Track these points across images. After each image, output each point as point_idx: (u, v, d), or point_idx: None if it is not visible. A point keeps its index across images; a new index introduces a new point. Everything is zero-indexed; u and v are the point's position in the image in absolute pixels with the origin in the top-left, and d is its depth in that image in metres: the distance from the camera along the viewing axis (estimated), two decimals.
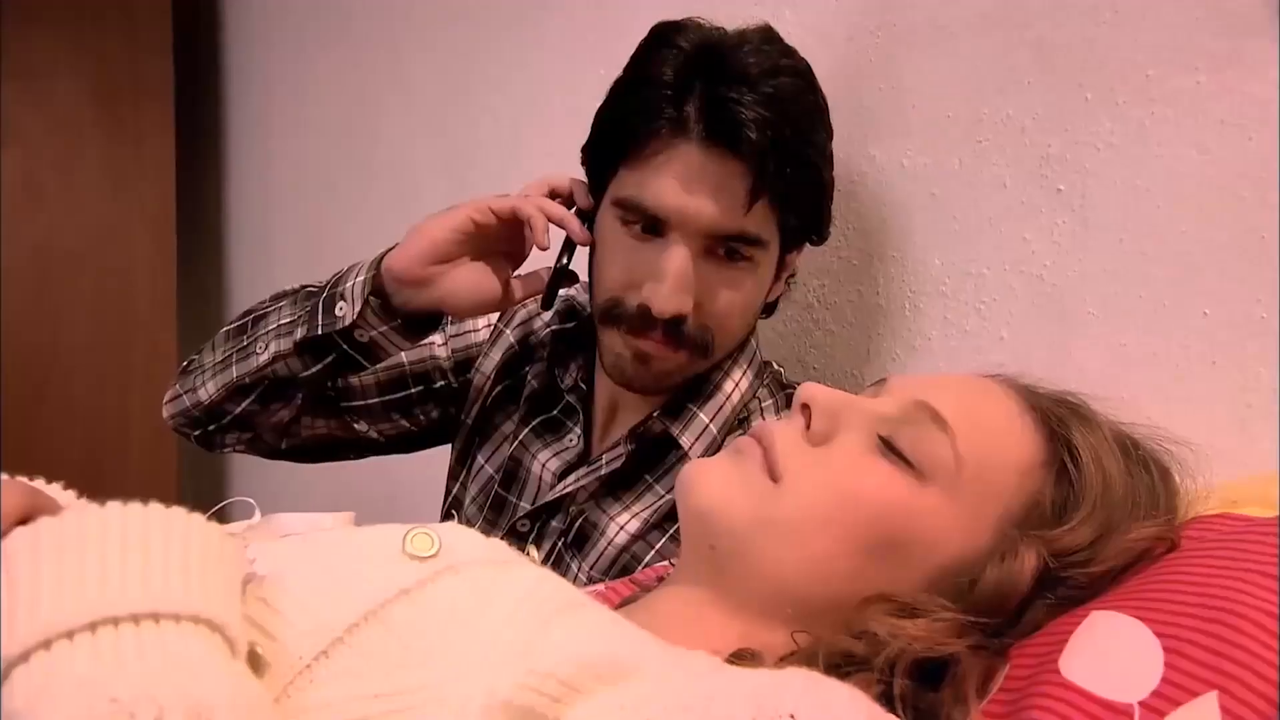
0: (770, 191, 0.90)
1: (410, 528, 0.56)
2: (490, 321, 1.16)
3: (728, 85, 0.89)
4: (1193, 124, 0.85)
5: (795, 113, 0.91)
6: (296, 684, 0.48)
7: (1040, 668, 0.57)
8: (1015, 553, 0.61)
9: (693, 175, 0.90)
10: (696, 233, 0.92)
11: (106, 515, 0.46)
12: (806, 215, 0.97)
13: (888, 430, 0.64)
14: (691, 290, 0.93)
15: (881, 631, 0.58)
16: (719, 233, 0.92)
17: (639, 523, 0.99)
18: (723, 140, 0.89)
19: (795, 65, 0.94)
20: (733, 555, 0.64)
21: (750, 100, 0.88)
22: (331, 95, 2.12)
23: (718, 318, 0.95)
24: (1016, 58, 0.98)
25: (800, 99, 0.93)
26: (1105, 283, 0.91)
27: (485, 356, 1.15)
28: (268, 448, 1.15)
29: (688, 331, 0.95)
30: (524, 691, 0.48)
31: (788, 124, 0.90)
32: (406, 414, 1.16)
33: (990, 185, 1.00)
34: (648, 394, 1.01)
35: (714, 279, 0.94)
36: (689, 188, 0.90)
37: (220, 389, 1.08)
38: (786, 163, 0.90)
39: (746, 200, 0.90)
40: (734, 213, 0.90)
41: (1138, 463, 0.66)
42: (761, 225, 0.93)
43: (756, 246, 0.94)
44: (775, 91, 0.89)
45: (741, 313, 0.98)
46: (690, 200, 0.90)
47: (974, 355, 1.01)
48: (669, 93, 0.91)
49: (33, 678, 0.40)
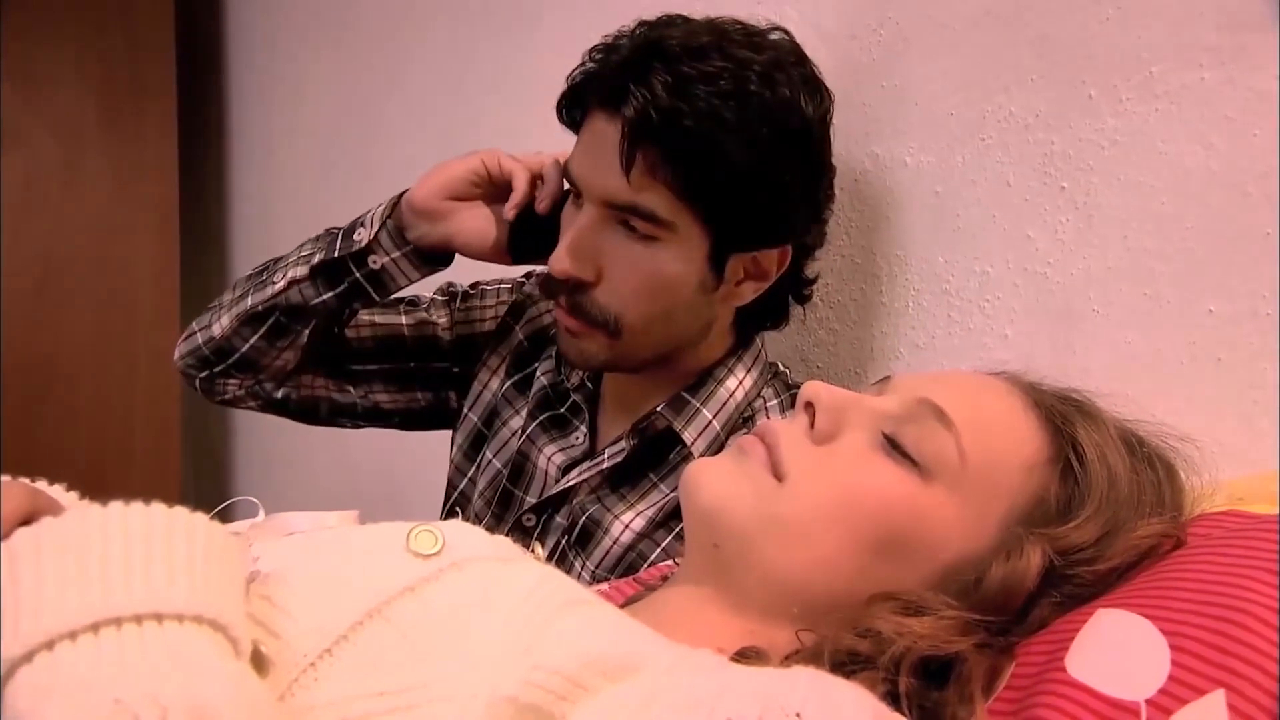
0: (655, 164, 0.89)
1: (413, 525, 0.56)
2: (498, 315, 1.17)
3: (644, 59, 0.90)
4: (1197, 120, 0.85)
5: (710, 94, 0.88)
6: (300, 682, 0.48)
7: (1046, 666, 0.57)
8: (1020, 550, 0.60)
9: (594, 142, 0.93)
10: (596, 199, 0.93)
11: (108, 515, 0.46)
12: (731, 206, 0.92)
13: (892, 428, 0.64)
14: (586, 254, 0.94)
15: (887, 630, 0.58)
16: (613, 201, 0.92)
17: (644, 521, 0.99)
18: (611, 104, 0.91)
19: (742, 54, 0.90)
20: (737, 554, 0.63)
21: (658, 75, 0.88)
22: (333, 95, 2.12)
23: (619, 294, 0.95)
24: (1019, 55, 0.98)
25: (724, 83, 0.89)
26: (1109, 280, 0.91)
27: (493, 352, 1.16)
28: (266, 396, 1.17)
29: (588, 305, 0.95)
30: (529, 688, 0.48)
31: (686, 101, 0.87)
32: (402, 386, 1.18)
33: (993, 183, 1.00)
34: (586, 370, 1.04)
35: (618, 251, 0.94)
36: (588, 153, 0.94)
37: (233, 319, 1.12)
38: (675, 137, 0.88)
39: (622, 164, 0.89)
40: (617, 179, 0.90)
41: (1143, 460, 0.66)
42: (658, 203, 0.91)
43: (655, 224, 0.92)
44: (693, 73, 0.88)
45: (649, 296, 0.95)
46: (588, 165, 0.93)
47: (978, 353, 1.01)
48: (598, 70, 0.94)
49: (36, 678, 0.40)
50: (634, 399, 1.04)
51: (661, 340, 0.99)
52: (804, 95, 0.93)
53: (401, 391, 1.18)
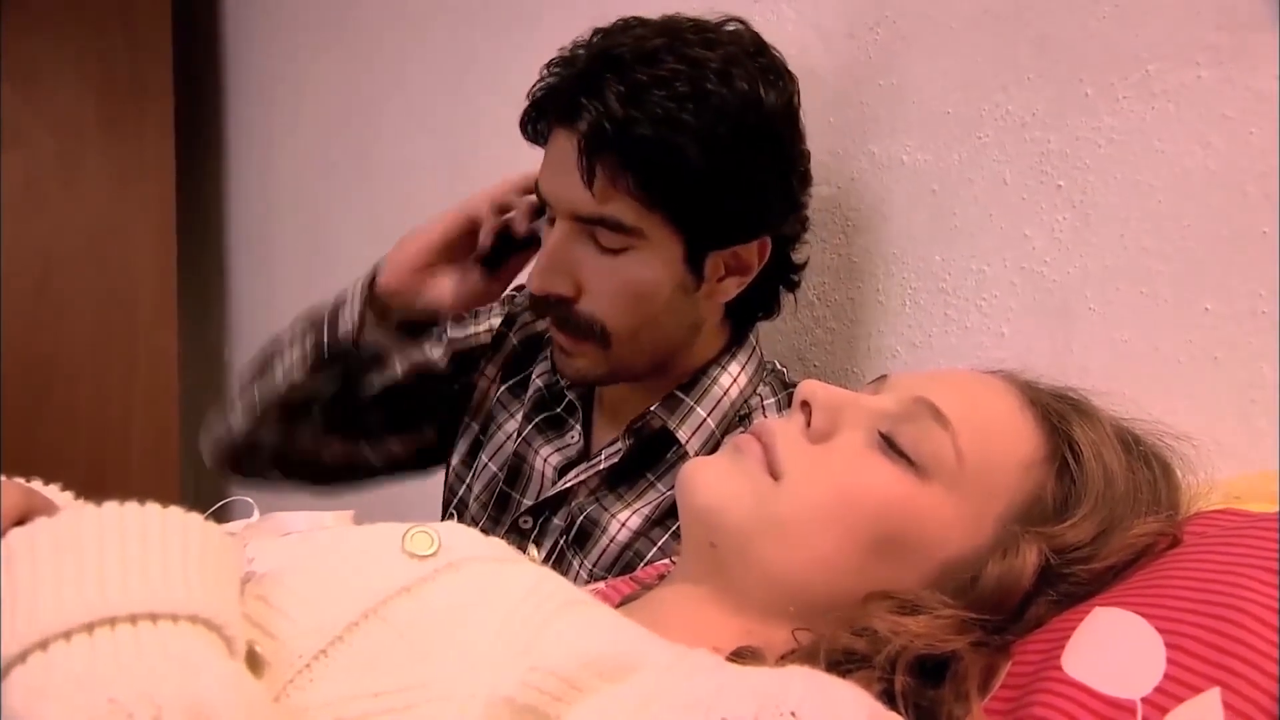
0: (613, 172, 0.89)
1: (409, 526, 0.56)
2: (492, 327, 1.17)
3: (597, 69, 0.90)
4: (1194, 119, 0.85)
5: (665, 97, 0.88)
6: (296, 683, 0.48)
7: (1043, 664, 0.57)
8: (1017, 549, 0.60)
9: (556, 158, 0.93)
10: (564, 214, 0.93)
11: (103, 515, 0.46)
12: (698, 208, 0.92)
13: (888, 427, 0.64)
14: (562, 269, 0.94)
15: (883, 629, 0.58)
16: (579, 214, 0.92)
17: (640, 519, 0.99)
18: (569, 120, 0.91)
19: (695, 53, 0.90)
20: (733, 553, 0.63)
21: (610, 85, 0.88)
22: (331, 95, 2.12)
23: (602, 303, 0.95)
24: (1016, 53, 0.98)
25: (684, 87, 0.88)
26: (1106, 279, 0.91)
27: (489, 361, 1.16)
28: (301, 475, 1.20)
29: (574, 318, 0.95)
30: (526, 689, 0.48)
31: (636, 105, 0.87)
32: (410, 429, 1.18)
33: (990, 181, 1.00)
34: (583, 385, 1.05)
35: (594, 264, 0.94)
36: (552, 170, 0.94)
37: (247, 416, 1.14)
38: (638, 146, 0.88)
39: (583, 176, 0.89)
40: (580, 192, 0.91)
41: (1139, 458, 0.66)
42: (624, 212, 0.90)
43: (624, 234, 0.92)
44: (645, 79, 0.88)
45: (631, 303, 0.95)
46: (552, 182, 0.94)
47: (974, 352, 1.01)
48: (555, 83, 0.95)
49: (31, 678, 0.40)
50: (629, 398, 1.04)
51: (652, 347, 0.98)
52: (764, 86, 0.92)
53: (410, 433, 1.18)
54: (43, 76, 2.26)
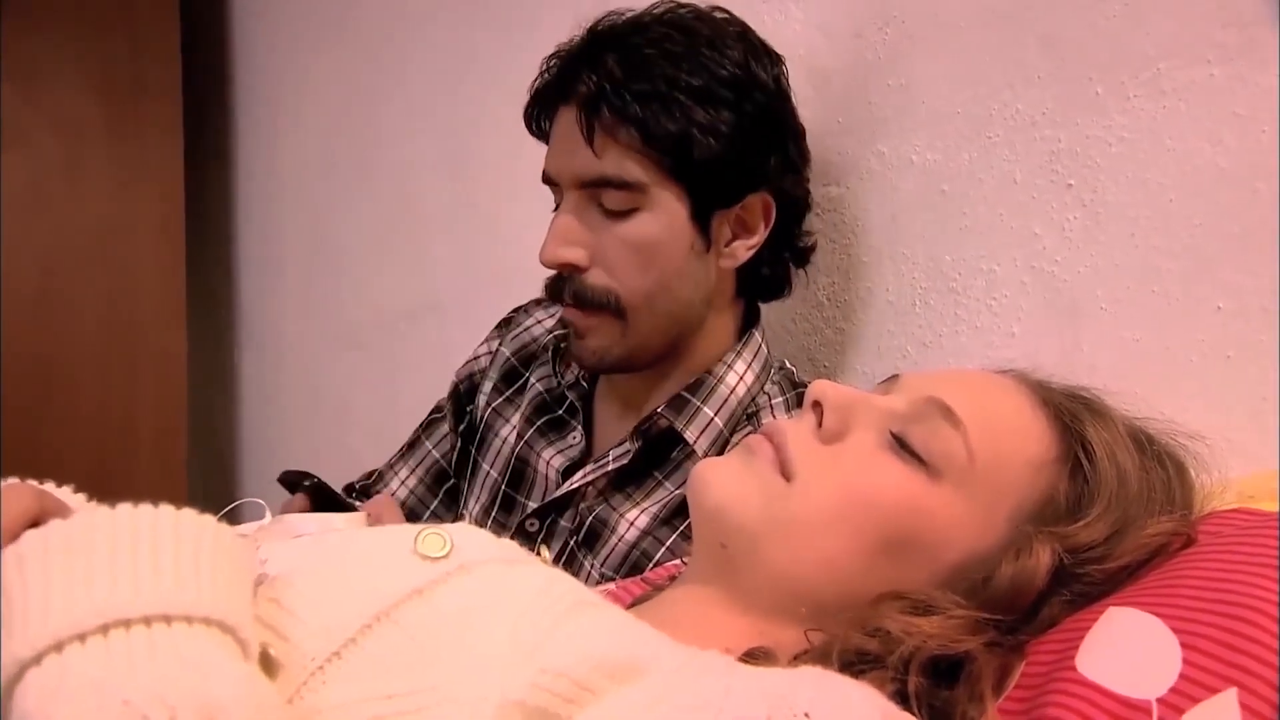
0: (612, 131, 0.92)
1: (421, 528, 0.56)
2: (491, 350, 1.19)
3: (591, 47, 0.95)
4: (1205, 117, 0.84)
5: (656, 58, 0.93)
6: (309, 685, 0.48)
7: (1057, 664, 0.57)
8: (1030, 549, 0.60)
9: (560, 134, 0.97)
10: (570, 184, 0.96)
11: (117, 517, 0.46)
12: (697, 160, 0.94)
13: (899, 427, 0.64)
14: (576, 241, 0.96)
15: (895, 629, 0.58)
16: (584, 179, 0.95)
17: (648, 518, 0.99)
18: (567, 91, 0.96)
19: (689, 24, 0.96)
20: (745, 554, 0.63)
21: (605, 55, 0.93)
22: (338, 95, 2.12)
23: (616, 270, 0.96)
24: (1025, 52, 0.97)
25: (662, 43, 0.94)
26: (1117, 278, 0.90)
27: (485, 377, 1.17)
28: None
29: (588, 289, 0.97)
30: (537, 691, 0.48)
31: (636, 70, 0.92)
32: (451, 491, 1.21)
33: (1000, 181, 1.00)
34: (595, 371, 1.05)
35: (605, 233, 0.96)
36: (557, 146, 0.98)
37: None
38: (627, 103, 0.91)
39: (585, 140, 0.93)
40: (583, 156, 0.94)
41: (1153, 458, 0.65)
42: (622, 167, 0.93)
43: (623, 190, 0.94)
44: (639, 42, 0.93)
45: (642, 265, 0.96)
46: (557, 154, 0.97)
47: (985, 351, 1.00)
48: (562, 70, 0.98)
49: (45, 680, 0.40)
50: (633, 398, 1.04)
51: (667, 317, 0.99)
52: (751, 58, 0.97)
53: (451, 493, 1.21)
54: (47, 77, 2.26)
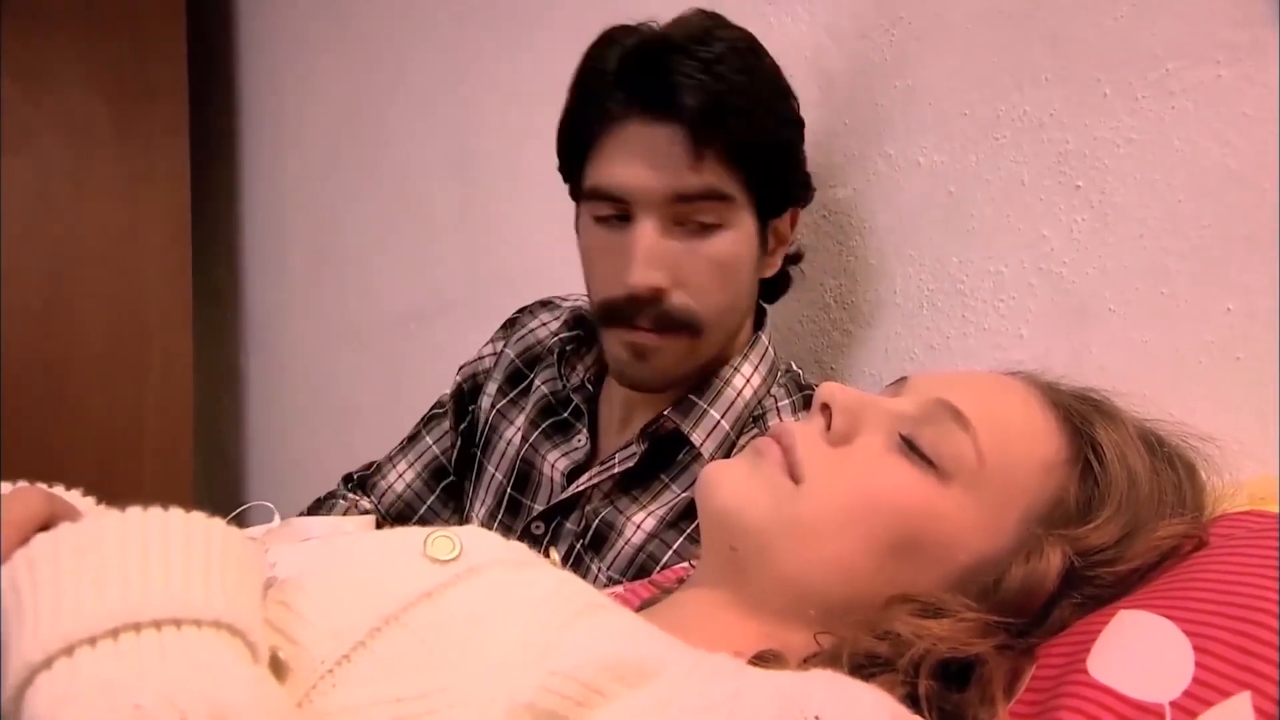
0: (716, 145, 0.92)
1: (431, 531, 0.56)
2: (495, 350, 1.19)
3: (660, 57, 0.93)
4: (1213, 117, 0.84)
5: (732, 70, 0.93)
6: (318, 688, 0.48)
7: (1068, 667, 0.57)
8: (1040, 551, 0.60)
9: (641, 147, 0.93)
10: (657, 203, 0.93)
11: (127, 521, 0.46)
12: (772, 172, 0.97)
13: (908, 429, 0.64)
14: (663, 264, 0.94)
15: (905, 632, 0.58)
16: (675, 195, 0.93)
17: (655, 520, 0.99)
18: (660, 106, 0.92)
19: (731, 33, 0.97)
20: (754, 556, 0.63)
21: (682, 64, 0.92)
22: (344, 98, 2.12)
23: (697, 290, 0.96)
24: (1032, 53, 0.97)
25: (736, 58, 0.94)
26: (1125, 279, 0.90)
27: (489, 378, 1.17)
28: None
29: (671, 311, 0.95)
30: (546, 694, 0.48)
31: (723, 82, 0.92)
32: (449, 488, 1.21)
33: (1008, 182, 1.00)
34: (656, 391, 1.01)
35: (686, 251, 0.95)
36: (638, 160, 0.94)
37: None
38: (728, 116, 0.92)
39: (690, 157, 0.92)
40: (684, 172, 0.92)
41: (1163, 459, 0.65)
42: (719, 178, 0.93)
43: (719, 202, 0.94)
44: (710, 55, 0.92)
45: (722, 282, 0.97)
46: (641, 171, 0.93)
47: (993, 353, 1.00)
48: (610, 79, 0.95)
49: (56, 684, 0.40)
50: (638, 400, 1.04)
51: (726, 330, 1.01)
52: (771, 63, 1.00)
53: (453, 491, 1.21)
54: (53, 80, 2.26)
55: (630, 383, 1.01)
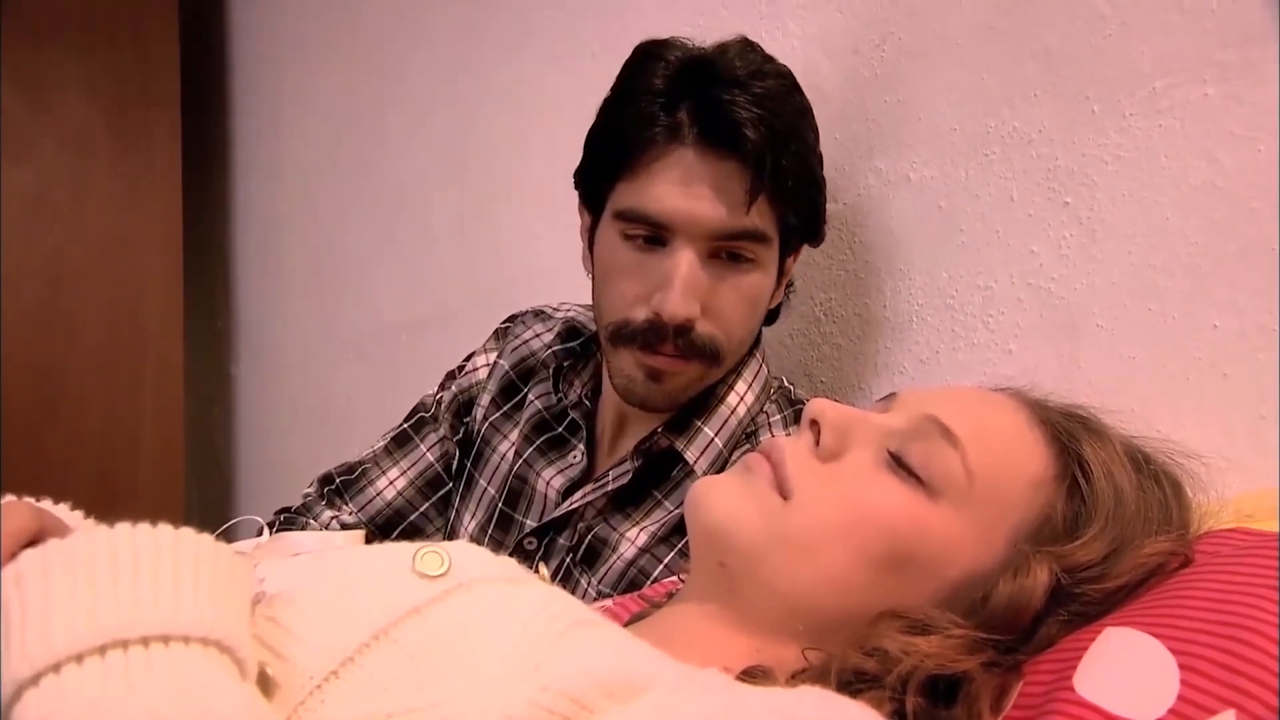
0: (769, 188, 0.92)
1: (420, 546, 0.56)
2: (490, 362, 1.18)
3: (719, 88, 0.91)
4: (1201, 135, 0.85)
5: (785, 110, 0.93)
6: (307, 704, 0.48)
7: (1055, 684, 0.57)
8: (1027, 568, 0.60)
9: (692, 177, 0.91)
10: (700, 235, 0.92)
11: (115, 537, 0.45)
12: (804, 213, 0.98)
13: (897, 445, 0.64)
14: (695, 293, 0.93)
15: (893, 649, 0.58)
16: (722, 233, 0.92)
17: (647, 536, 0.99)
18: (719, 140, 0.91)
19: (778, 68, 0.97)
20: (743, 572, 0.63)
21: (743, 100, 0.90)
22: (339, 107, 2.12)
23: (724, 322, 0.96)
24: (1023, 70, 0.98)
25: (788, 98, 0.95)
26: (1114, 295, 0.91)
27: (483, 390, 1.16)
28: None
29: (697, 340, 0.95)
30: (536, 709, 0.48)
31: (780, 121, 0.91)
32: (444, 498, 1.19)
33: (997, 198, 1.00)
34: (661, 412, 1.01)
35: (719, 283, 0.94)
36: (689, 190, 0.92)
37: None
38: (782, 158, 0.91)
39: (747, 198, 0.91)
40: (736, 211, 0.92)
41: (1150, 477, 0.65)
42: (764, 220, 0.94)
43: (759, 243, 0.94)
44: (765, 91, 0.92)
45: (746, 317, 0.98)
46: (692, 202, 0.92)
47: (982, 368, 1.00)
48: (661, 100, 0.93)
49: (43, 701, 0.40)
50: (631, 416, 1.04)
51: (737, 359, 1.01)
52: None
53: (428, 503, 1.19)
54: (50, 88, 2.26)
55: (638, 402, 0.99)
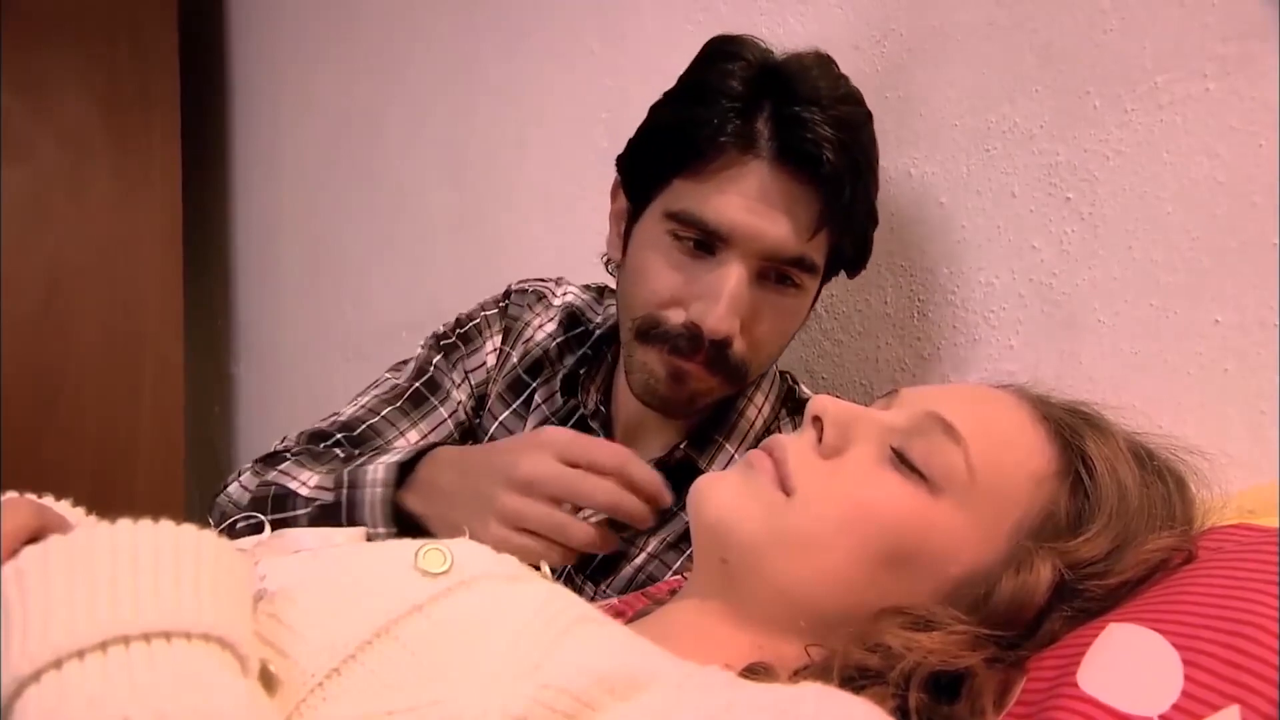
0: (838, 218, 0.89)
1: (422, 543, 0.56)
2: (496, 348, 1.14)
3: (800, 105, 0.87)
4: (1202, 130, 0.85)
5: (863, 139, 0.91)
6: (309, 701, 0.48)
7: (1058, 680, 0.57)
8: (1030, 564, 0.60)
9: (761, 194, 0.88)
10: (755, 254, 0.89)
11: (116, 533, 0.45)
12: (858, 245, 0.96)
13: (899, 442, 0.64)
14: (738, 311, 0.89)
15: (896, 645, 0.58)
16: (779, 256, 0.89)
17: (656, 541, 0.99)
18: (796, 161, 0.87)
19: (854, 92, 0.94)
20: (745, 568, 0.63)
21: (823, 122, 0.86)
22: (337, 108, 2.12)
23: (758, 344, 0.93)
24: (1023, 65, 0.98)
25: (864, 126, 0.92)
26: (1115, 290, 0.91)
27: (494, 382, 1.14)
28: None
29: (730, 358, 0.91)
30: (538, 707, 0.48)
31: (858, 149, 0.89)
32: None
33: (998, 193, 1.00)
34: (676, 416, 0.98)
35: (762, 304, 0.91)
36: (756, 207, 0.88)
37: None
38: (856, 195, 0.89)
39: (814, 225, 0.88)
40: (798, 236, 0.88)
41: (1153, 473, 0.65)
42: (819, 251, 0.91)
43: (810, 273, 0.92)
44: (844, 117, 0.88)
45: (779, 340, 0.96)
46: (756, 220, 0.88)
47: (983, 364, 1.00)
48: (738, 105, 0.88)
49: (44, 698, 0.40)
50: (650, 425, 1.02)
51: (760, 375, 1.00)
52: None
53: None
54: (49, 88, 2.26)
55: (658, 403, 0.96)
